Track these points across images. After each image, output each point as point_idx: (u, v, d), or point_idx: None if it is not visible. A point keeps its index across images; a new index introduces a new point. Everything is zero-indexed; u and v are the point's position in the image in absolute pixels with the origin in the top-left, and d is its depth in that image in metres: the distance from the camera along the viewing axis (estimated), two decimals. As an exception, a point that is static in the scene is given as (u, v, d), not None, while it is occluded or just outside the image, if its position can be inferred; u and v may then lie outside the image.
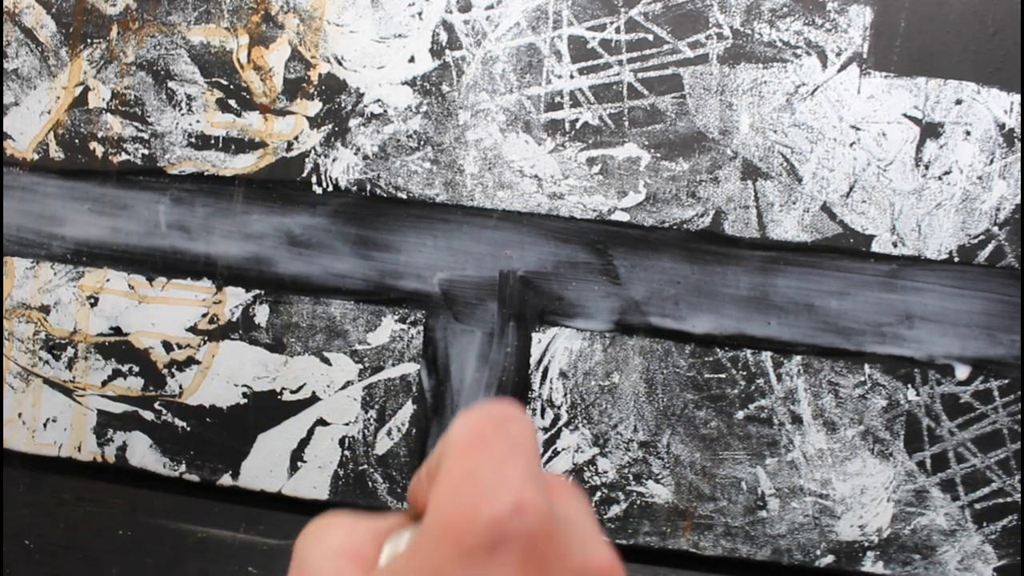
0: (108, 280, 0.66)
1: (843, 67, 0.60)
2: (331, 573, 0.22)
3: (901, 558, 0.60)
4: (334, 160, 0.64)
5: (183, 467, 0.66)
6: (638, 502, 0.62)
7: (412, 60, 0.63)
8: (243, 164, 0.65)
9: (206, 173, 0.65)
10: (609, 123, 0.62)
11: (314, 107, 0.64)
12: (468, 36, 0.63)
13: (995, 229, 0.59)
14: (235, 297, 0.65)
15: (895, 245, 0.60)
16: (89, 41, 0.66)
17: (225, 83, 0.65)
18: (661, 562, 0.63)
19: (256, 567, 0.66)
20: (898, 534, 0.60)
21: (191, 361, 0.66)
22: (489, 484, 0.19)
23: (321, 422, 0.65)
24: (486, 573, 0.18)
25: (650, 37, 0.61)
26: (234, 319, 0.65)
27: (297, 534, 0.23)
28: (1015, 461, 0.59)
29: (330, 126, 0.64)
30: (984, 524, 0.60)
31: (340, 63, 0.64)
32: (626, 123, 0.62)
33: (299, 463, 0.65)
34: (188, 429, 0.66)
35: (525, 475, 0.19)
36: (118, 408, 0.67)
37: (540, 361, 0.62)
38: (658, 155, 0.61)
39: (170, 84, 0.65)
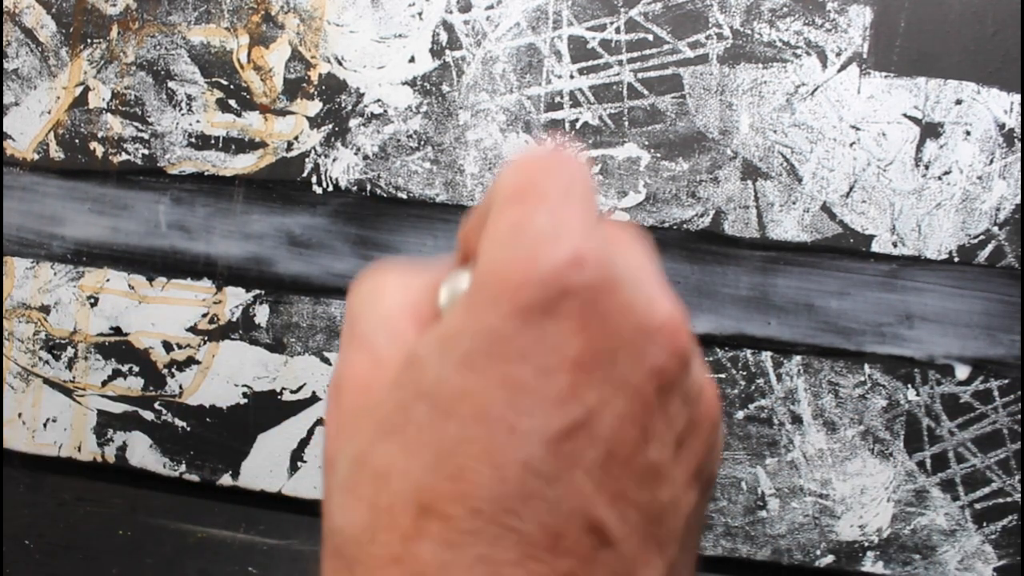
0: (108, 280, 0.66)
1: (843, 67, 0.60)
2: (387, 337, 0.20)
3: (901, 558, 0.60)
4: (334, 160, 0.64)
5: (183, 467, 0.66)
6: (638, 502, 0.62)
7: (412, 60, 0.63)
8: (243, 164, 0.65)
9: (206, 173, 0.65)
10: (609, 123, 0.62)
11: (314, 107, 0.64)
12: (468, 36, 0.63)
13: (995, 229, 0.59)
14: (235, 297, 0.65)
15: (895, 245, 0.60)
16: (89, 41, 0.66)
17: (225, 83, 0.65)
18: (661, 562, 0.63)
19: (256, 567, 0.66)
20: (898, 534, 0.60)
21: (191, 361, 0.66)
22: (544, 233, 0.17)
23: (321, 422, 0.65)
24: (544, 332, 0.17)
25: (650, 37, 0.61)
26: (234, 319, 0.65)
27: (297, 534, 0.23)
28: (1015, 461, 0.59)
29: (330, 126, 0.64)
30: (984, 524, 0.60)
31: (340, 63, 0.64)
32: (626, 123, 0.62)
33: (299, 463, 0.65)
34: (188, 429, 0.66)
35: (583, 222, 0.18)
36: (118, 408, 0.67)
37: (540, 361, 0.62)
38: (658, 155, 0.61)
39: (170, 84, 0.65)
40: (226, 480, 0.65)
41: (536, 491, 0.16)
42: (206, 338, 0.66)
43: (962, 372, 0.60)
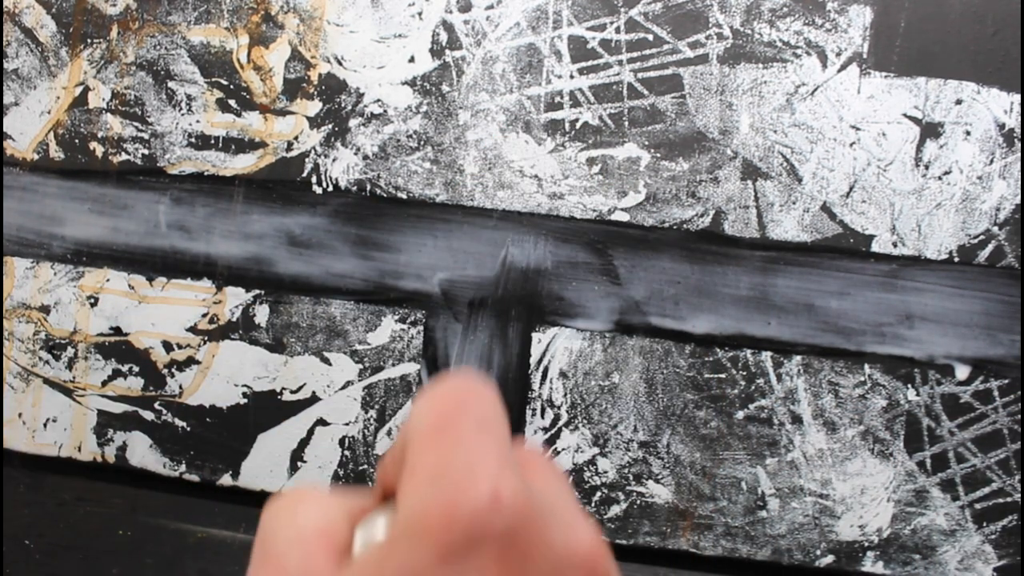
0: (108, 280, 0.66)
1: (843, 67, 0.60)
2: (299, 558, 0.20)
3: (901, 558, 0.60)
4: (334, 160, 0.64)
5: (183, 467, 0.66)
6: (638, 502, 0.62)
7: (412, 60, 0.63)
8: (243, 164, 0.65)
9: (206, 173, 0.65)
10: (609, 123, 0.62)
11: (314, 107, 0.64)
12: (468, 36, 0.63)
13: (995, 229, 0.59)
14: (235, 297, 0.65)
15: (895, 245, 0.60)
16: (89, 41, 0.66)
17: (225, 83, 0.65)
18: (661, 562, 0.63)
19: (256, 567, 0.66)
20: (898, 534, 0.60)
21: (191, 361, 0.66)
22: (462, 475, 0.18)
23: (321, 422, 0.65)
24: (465, 573, 0.18)
25: (650, 37, 0.61)
26: (234, 319, 0.65)
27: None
28: (1015, 461, 0.59)
29: (330, 126, 0.64)
30: (984, 524, 0.60)
31: (340, 63, 0.64)
32: (626, 123, 0.62)
33: (299, 463, 0.65)
34: (188, 429, 0.66)
35: (498, 459, 0.18)
36: (118, 408, 0.67)
37: (540, 361, 0.62)
38: (658, 155, 0.61)
39: (170, 84, 0.65)
40: (226, 480, 0.65)
41: None
42: (206, 338, 0.66)
43: (962, 372, 0.60)
